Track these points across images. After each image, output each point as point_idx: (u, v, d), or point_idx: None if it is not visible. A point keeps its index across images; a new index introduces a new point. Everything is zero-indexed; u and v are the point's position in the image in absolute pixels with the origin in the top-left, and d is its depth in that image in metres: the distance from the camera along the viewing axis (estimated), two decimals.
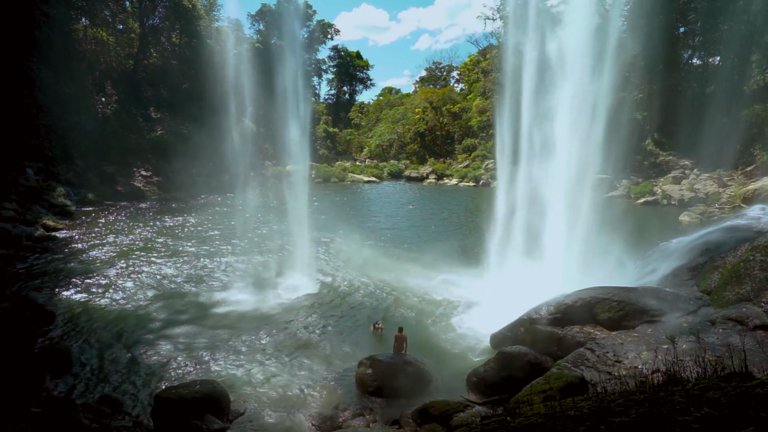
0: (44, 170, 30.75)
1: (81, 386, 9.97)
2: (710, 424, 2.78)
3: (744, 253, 10.17)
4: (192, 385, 9.02)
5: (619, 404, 3.42)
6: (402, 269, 19.24)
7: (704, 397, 3.24)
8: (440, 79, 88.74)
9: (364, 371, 10.22)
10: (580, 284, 11.99)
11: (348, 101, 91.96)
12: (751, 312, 8.67)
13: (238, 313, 14.46)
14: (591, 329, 10.11)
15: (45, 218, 23.98)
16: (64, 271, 17.52)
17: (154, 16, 47.68)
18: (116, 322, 13.29)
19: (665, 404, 3.25)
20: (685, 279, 11.62)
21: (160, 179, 39.90)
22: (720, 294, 10.03)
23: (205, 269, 18.86)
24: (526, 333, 10.84)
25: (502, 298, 14.17)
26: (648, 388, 3.82)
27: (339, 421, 8.87)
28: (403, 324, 11.79)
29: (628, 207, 35.65)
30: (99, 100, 41.53)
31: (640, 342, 8.73)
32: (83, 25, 42.30)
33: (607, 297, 10.48)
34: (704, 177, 36.84)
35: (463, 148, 64.11)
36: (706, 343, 7.98)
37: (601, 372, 7.92)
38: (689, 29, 43.66)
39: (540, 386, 7.47)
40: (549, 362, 9.54)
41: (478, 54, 70.62)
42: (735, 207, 31.00)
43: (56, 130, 33.43)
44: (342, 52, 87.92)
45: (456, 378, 10.58)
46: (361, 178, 58.63)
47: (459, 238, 25.65)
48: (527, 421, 3.45)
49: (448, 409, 8.29)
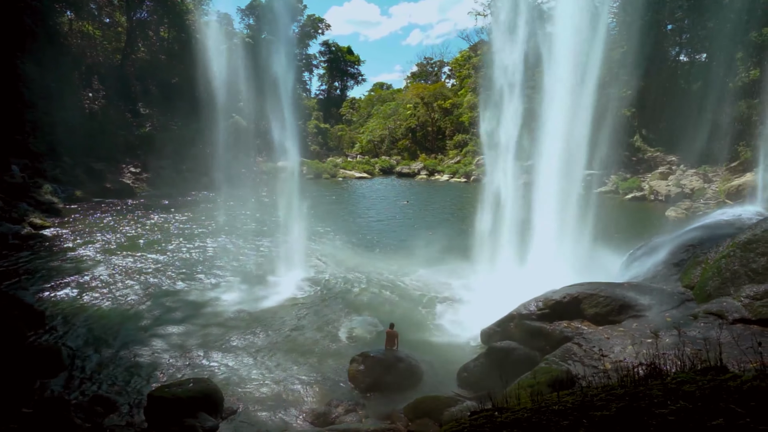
0: (30, 167, 30.34)
1: (72, 386, 9.95)
2: (685, 416, 2.94)
3: (725, 249, 10.45)
4: (185, 383, 9.08)
5: (601, 398, 3.56)
6: (393, 265, 19.37)
7: (680, 391, 3.41)
8: (431, 74, 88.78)
9: (356, 368, 10.35)
10: (569, 280, 12.23)
11: (339, 97, 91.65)
12: (731, 306, 8.93)
13: (230, 310, 14.49)
14: (578, 324, 10.33)
15: (32, 216, 23.70)
16: (53, 269, 17.38)
17: (142, 10, 47.07)
18: (107, 321, 13.24)
19: (644, 398, 3.41)
20: (669, 274, 11.90)
21: (149, 176, 39.54)
22: (702, 289, 10.31)
23: (196, 266, 18.81)
24: (516, 328, 11.04)
25: (491, 293, 14.37)
26: (629, 383, 3.98)
27: (332, 417, 8.99)
28: (394, 320, 11.93)
29: (617, 203, 36.19)
30: (86, 95, 40.99)
31: (625, 336, 8.96)
32: (68, 18, 41.58)
33: (594, 292, 10.70)
34: (690, 173, 37.49)
35: (455, 144, 64.33)
36: (688, 337, 8.22)
37: (587, 366, 8.12)
38: (676, 26, 44.21)
39: (528, 381, 7.66)
40: (537, 357, 9.74)
41: (469, 50, 70.73)
42: (720, 202, 31.66)
43: (42, 126, 32.97)
44: (333, 48, 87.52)
45: (447, 373, 10.75)
46: (352, 174, 58.60)
47: (449, 234, 25.83)
48: (514, 415, 3.58)
49: (439, 404, 8.46)
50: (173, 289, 16.24)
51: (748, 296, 8.95)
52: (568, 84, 16.20)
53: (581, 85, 16.24)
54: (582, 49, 15.97)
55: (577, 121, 16.15)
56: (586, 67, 16.20)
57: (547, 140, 16.76)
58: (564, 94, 16.28)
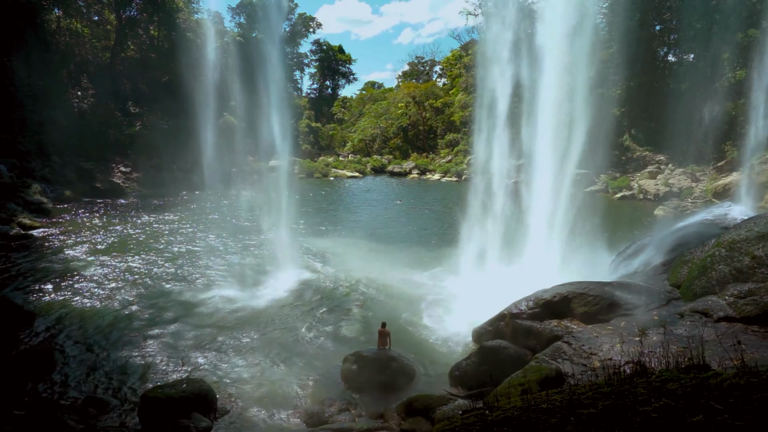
0: (18, 166, 29.95)
1: (65, 388, 9.91)
2: (667, 413, 3.06)
3: (710, 249, 10.68)
4: (178, 384, 9.09)
5: (588, 397, 3.68)
6: (385, 265, 19.43)
7: (664, 389, 3.53)
8: (423, 73, 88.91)
9: (349, 367, 10.42)
10: (559, 279, 12.41)
11: (331, 96, 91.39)
12: (716, 305, 9.15)
13: (222, 310, 14.48)
14: (568, 323, 10.50)
15: (21, 216, 23.44)
16: (43, 270, 17.23)
17: (131, 8, 46.52)
18: (98, 322, 13.18)
19: (629, 396, 3.52)
20: (657, 273, 12.13)
21: (139, 175, 39.22)
22: (688, 287, 10.53)
23: (187, 266, 18.75)
24: (507, 327, 11.18)
25: (483, 292, 14.50)
26: (615, 381, 4.10)
27: (325, 416, 9.06)
28: (386, 319, 12.02)
29: (606, 201, 36.60)
30: (75, 94, 40.48)
31: (614, 335, 9.12)
32: (57, 16, 41.04)
33: (584, 291, 10.87)
34: (678, 172, 38.01)
35: (446, 143, 64.52)
36: (675, 335, 8.42)
37: (576, 364, 8.28)
38: (665, 27, 44.73)
39: (518, 379, 7.79)
40: (528, 355, 9.89)
41: (460, 49, 70.93)
42: (707, 201, 32.15)
43: (30, 125, 32.56)
44: (324, 46, 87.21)
45: (439, 372, 10.88)
46: (344, 174, 58.58)
47: (441, 233, 26.00)
48: (504, 414, 3.68)
49: (431, 403, 8.56)
50: (165, 290, 16.18)
51: (732, 295, 9.18)
52: (559, 83, 16.37)
53: (571, 84, 16.43)
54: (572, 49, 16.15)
55: (566, 121, 16.34)
56: (576, 66, 16.40)
57: (538, 139, 16.93)
58: (554, 93, 16.45)
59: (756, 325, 8.50)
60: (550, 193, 16.49)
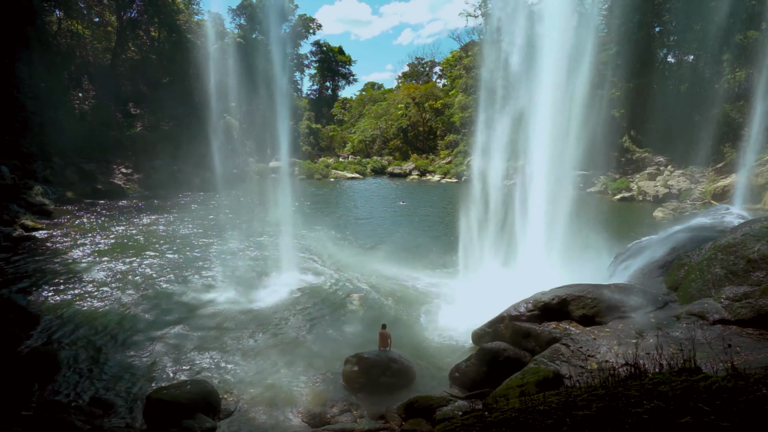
0: (20, 168, 30.07)
1: (71, 389, 10.05)
2: (658, 415, 3.21)
3: (707, 252, 10.82)
4: (183, 385, 9.23)
5: (584, 399, 3.82)
6: (386, 266, 19.57)
7: (656, 391, 3.68)
8: (423, 74, 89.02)
9: (350, 368, 10.55)
10: (558, 281, 12.54)
11: (330, 97, 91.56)
12: (712, 307, 9.29)
13: (225, 312, 14.61)
14: (566, 325, 10.64)
15: (23, 218, 23.57)
16: (46, 272, 17.36)
17: (132, 9, 46.64)
18: (102, 324, 13.31)
19: (623, 398, 3.67)
20: (654, 276, 12.26)
21: (140, 176, 39.34)
22: (685, 290, 10.67)
23: (189, 268, 18.88)
24: (506, 329, 11.32)
25: (482, 295, 14.63)
26: (610, 383, 4.25)
27: (327, 417, 9.20)
28: (386, 321, 12.15)
29: (606, 203, 36.74)
30: (76, 95, 40.64)
31: (611, 337, 9.26)
32: (57, 18, 41.16)
33: (582, 294, 11.01)
34: (677, 173, 38.16)
35: (446, 144, 64.66)
36: (671, 338, 8.56)
37: (574, 366, 8.41)
38: (664, 28, 44.87)
39: (517, 381, 7.93)
40: (527, 357, 10.02)
41: (460, 50, 71.04)
42: (705, 203, 32.30)
43: (32, 127, 32.66)
44: (324, 47, 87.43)
45: (439, 373, 11.01)
46: (344, 175, 58.72)
47: (441, 234, 26.13)
48: (503, 415, 3.82)
49: (431, 404, 8.69)
50: (168, 291, 16.31)
51: (728, 298, 9.32)
52: (559, 85, 16.48)
53: (571, 86, 16.55)
54: (572, 50, 16.28)
55: (566, 122, 16.47)
56: (576, 68, 16.52)
57: (537, 141, 17.05)
58: (554, 94, 16.56)
59: (751, 327, 8.64)
60: (549, 194, 16.62)
